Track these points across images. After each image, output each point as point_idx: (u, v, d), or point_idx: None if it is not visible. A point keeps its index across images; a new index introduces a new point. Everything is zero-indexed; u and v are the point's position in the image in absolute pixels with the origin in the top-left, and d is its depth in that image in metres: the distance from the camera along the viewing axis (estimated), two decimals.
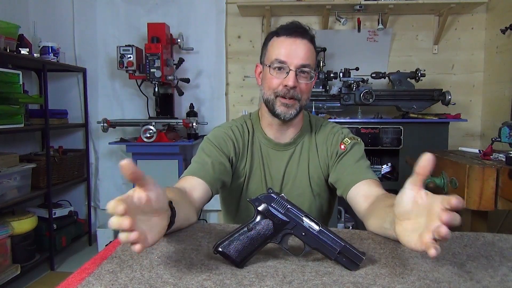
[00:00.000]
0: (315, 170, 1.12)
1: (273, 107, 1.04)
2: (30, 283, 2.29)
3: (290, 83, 0.99)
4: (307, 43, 1.01)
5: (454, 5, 2.53)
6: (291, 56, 0.99)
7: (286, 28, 1.03)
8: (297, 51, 1.00)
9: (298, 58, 0.99)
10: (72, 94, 2.98)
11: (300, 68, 1.00)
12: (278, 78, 1.01)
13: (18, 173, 2.25)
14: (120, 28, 2.86)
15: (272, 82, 1.02)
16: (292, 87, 1.00)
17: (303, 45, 1.01)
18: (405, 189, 0.61)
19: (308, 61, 1.01)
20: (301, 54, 1.00)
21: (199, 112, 2.85)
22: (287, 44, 1.01)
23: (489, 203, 1.45)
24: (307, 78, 1.02)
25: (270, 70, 1.02)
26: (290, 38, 1.01)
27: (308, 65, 1.01)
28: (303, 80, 1.02)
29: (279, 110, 1.03)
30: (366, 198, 0.95)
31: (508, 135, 1.62)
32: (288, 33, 1.01)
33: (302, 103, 1.04)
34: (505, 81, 2.51)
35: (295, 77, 1.00)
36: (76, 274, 0.62)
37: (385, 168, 2.51)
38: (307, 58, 1.00)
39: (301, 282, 0.60)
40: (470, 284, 0.60)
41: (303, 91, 1.03)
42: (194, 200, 0.94)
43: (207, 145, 1.09)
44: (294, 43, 1.00)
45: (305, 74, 1.01)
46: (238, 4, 2.64)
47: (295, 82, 0.99)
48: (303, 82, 1.02)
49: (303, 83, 1.02)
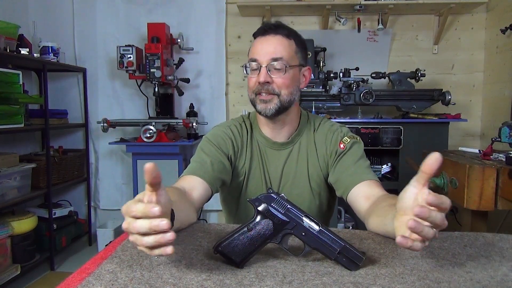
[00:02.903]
0: (314, 169, 1.11)
1: (255, 106, 1.06)
2: (30, 283, 2.29)
3: (261, 78, 1.00)
4: (279, 38, 1.02)
5: (454, 5, 2.53)
6: (261, 53, 1.01)
7: (259, 29, 1.05)
8: (267, 47, 1.01)
9: (267, 53, 1.00)
10: (72, 94, 2.98)
11: (270, 62, 1.00)
12: (253, 76, 1.03)
13: (18, 173, 2.25)
14: (120, 28, 2.86)
15: (250, 81, 1.05)
16: (264, 82, 1.00)
17: (274, 40, 1.02)
18: (409, 186, 0.62)
19: (278, 55, 1.00)
20: (271, 49, 1.01)
21: (199, 112, 2.85)
22: (259, 43, 1.03)
23: (489, 203, 1.45)
24: (281, 72, 1.01)
25: (248, 71, 1.05)
26: (263, 37, 1.03)
27: (280, 58, 1.00)
28: (276, 75, 1.01)
29: (259, 107, 1.04)
30: (367, 198, 0.95)
31: (508, 135, 1.62)
32: (261, 33, 1.04)
33: (283, 98, 1.02)
34: (505, 81, 2.51)
35: (267, 72, 1.00)
36: (76, 274, 0.62)
37: (385, 168, 2.51)
38: (277, 52, 1.00)
39: (301, 282, 0.60)
40: (470, 284, 0.60)
41: (281, 86, 1.02)
42: (194, 199, 0.94)
43: (206, 144, 1.09)
44: (265, 40, 1.02)
45: (278, 68, 1.01)
46: (238, 4, 2.64)
47: (266, 77, 1.00)
48: (277, 76, 1.01)
49: (278, 78, 1.01)
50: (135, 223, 0.55)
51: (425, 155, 0.57)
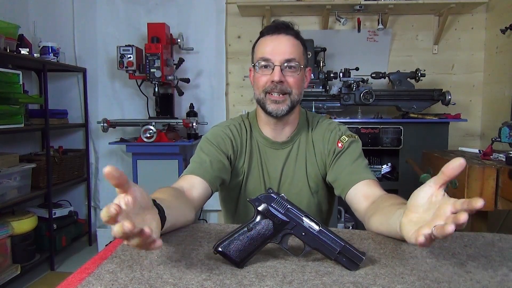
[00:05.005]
0: (313, 168, 1.12)
1: (264, 106, 1.05)
2: (30, 283, 2.29)
3: (276, 77, 1.00)
4: (290, 38, 1.03)
5: (454, 5, 2.52)
6: (275, 52, 1.01)
7: (269, 27, 1.05)
8: (281, 46, 1.01)
9: (282, 53, 1.00)
10: (72, 94, 2.98)
11: (284, 62, 1.01)
12: (265, 75, 1.02)
13: (18, 173, 2.25)
14: (120, 28, 2.86)
15: (260, 80, 1.04)
16: (278, 82, 1.00)
17: (287, 40, 1.02)
18: (425, 185, 0.62)
19: (292, 55, 1.01)
20: (285, 48, 1.01)
21: (199, 112, 2.85)
22: (270, 41, 1.02)
23: (489, 203, 1.45)
24: (294, 72, 1.02)
25: (257, 70, 1.04)
26: (273, 36, 1.03)
27: (293, 59, 1.01)
28: (290, 74, 1.02)
29: (270, 108, 1.04)
30: (366, 198, 0.95)
31: (508, 135, 1.62)
32: (271, 32, 1.03)
33: (293, 98, 1.04)
34: (505, 81, 2.51)
35: (281, 72, 1.00)
36: (76, 274, 0.62)
37: (385, 168, 2.51)
38: (291, 52, 1.01)
39: (301, 282, 0.60)
40: (470, 284, 0.60)
41: (292, 85, 1.03)
42: (193, 198, 0.94)
43: (205, 144, 1.09)
44: (277, 39, 1.02)
45: (291, 68, 1.02)
46: (238, 4, 2.64)
47: (281, 77, 1.00)
48: (290, 75, 1.02)
49: (291, 77, 1.02)
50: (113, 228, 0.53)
51: (425, 155, 0.57)
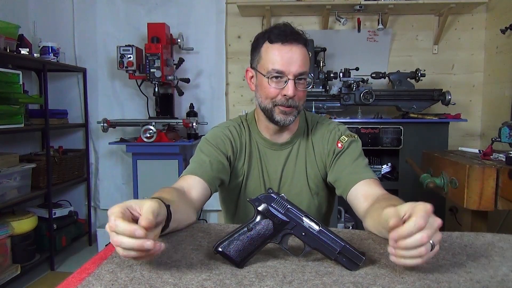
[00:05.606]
0: (312, 168, 1.11)
1: (271, 115, 1.03)
2: (30, 283, 2.29)
3: (290, 92, 0.97)
4: (302, 49, 0.99)
5: (454, 5, 2.52)
6: (289, 65, 0.97)
7: (279, 33, 0.98)
8: (294, 59, 0.97)
9: (295, 66, 0.97)
10: (72, 94, 2.98)
11: (297, 75, 0.98)
12: (276, 87, 0.99)
13: (18, 173, 2.25)
14: (120, 28, 2.86)
15: (270, 91, 1.00)
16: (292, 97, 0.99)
17: (299, 52, 0.98)
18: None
19: (305, 68, 0.99)
20: (298, 61, 0.97)
21: (199, 112, 2.85)
22: (284, 53, 0.97)
23: (489, 203, 1.45)
24: (305, 85, 1.02)
25: (267, 80, 1.00)
26: (285, 46, 0.97)
27: (305, 72, 1.00)
28: (301, 87, 1.01)
29: (278, 118, 1.02)
30: (366, 198, 0.95)
31: (508, 135, 1.62)
32: (282, 40, 0.97)
33: (299, 109, 1.04)
34: (505, 81, 2.51)
35: (294, 85, 0.98)
36: (76, 274, 0.62)
37: (385, 168, 2.51)
38: (303, 65, 0.99)
39: (301, 282, 0.60)
40: (470, 284, 0.60)
41: (301, 98, 1.02)
42: (193, 199, 0.94)
43: (204, 144, 1.09)
44: (290, 51, 0.97)
45: (302, 81, 1.00)
46: (238, 4, 2.64)
47: (294, 92, 0.98)
48: (301, 89, 1.01)
49: (301, 92, 1.01)
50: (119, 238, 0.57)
51: (425, 155, 0.57)
